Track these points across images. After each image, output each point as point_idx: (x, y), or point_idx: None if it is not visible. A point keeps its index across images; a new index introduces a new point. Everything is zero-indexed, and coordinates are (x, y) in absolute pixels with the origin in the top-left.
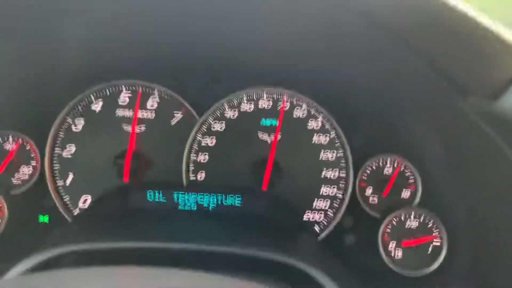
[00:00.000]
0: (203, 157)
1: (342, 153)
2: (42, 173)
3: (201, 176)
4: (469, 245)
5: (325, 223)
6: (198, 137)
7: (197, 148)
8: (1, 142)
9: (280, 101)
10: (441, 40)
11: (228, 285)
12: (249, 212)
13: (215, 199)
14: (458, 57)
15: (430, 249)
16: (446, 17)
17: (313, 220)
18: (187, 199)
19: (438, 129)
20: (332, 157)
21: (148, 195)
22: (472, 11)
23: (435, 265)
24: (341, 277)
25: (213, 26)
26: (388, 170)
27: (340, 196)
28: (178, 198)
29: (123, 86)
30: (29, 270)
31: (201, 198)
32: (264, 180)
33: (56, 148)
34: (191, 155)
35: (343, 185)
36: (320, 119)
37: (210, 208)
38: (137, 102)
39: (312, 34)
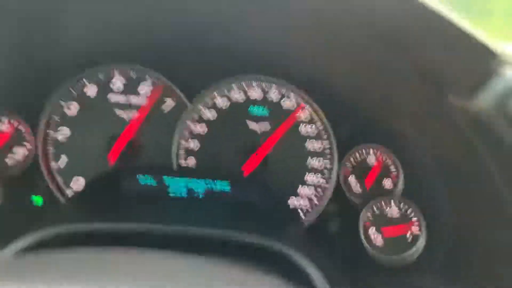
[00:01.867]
0: (193, 144)
1: (328, 143)
2: (36, 155)
3: (191, 162)
4: (449, 236)
5: (309, 210)
6: (189, 124)
7: (188, 135)
8: (2, 118)
9: (269, 90)
10: (417, 37)
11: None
12: (237, 197)
13: (204, 185)
14: (434, 55)
15: (409, 236)
16: (422, 16)
17: (298, 207)
18: (177, 183)
19: (420, 123)
20: (318, 147)
21: (138, 178)
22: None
23: (415, 253)
24: (324, 264)
25: (206, 13)
26: (371, 160)
27: (325, 183)
28: (168, 182)
29: (115, 70)
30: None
31: (191, 183)
32: (247, 167)
33: (50, 131)
34: (182, 141)
35: (327, 174)
36: (308, 109)
37: (200, 193)
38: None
39: (303, 26)
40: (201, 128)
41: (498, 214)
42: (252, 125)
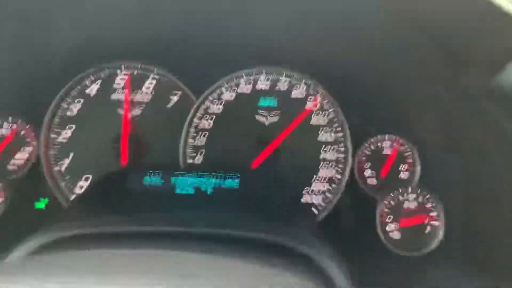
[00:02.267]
0: (200, 139)
1: (341, 133)
2: (39, 158)
3: (199, 158)
4: (467, 226)
5: (323, 204)
6: (195, 120)
7: (194, 131)
8: (4, 123)
9: (279, 81)
10: (442, 15)
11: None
12: (248, 194)
13: (213, 182)
14: (459, 31)
15: (427, 229)
16: None
17: (312, 201)
18: (185, 182)
19: (438, 109)
20: (331, 137)
21: (146, 178)
22: None
23: (433, 245)
24: (340, 258)
25: (212, 8)
26: (387, 150)
27: (339, 176)
28: (176, 181)
29: (118, 69)
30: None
31: (199, 181)
32: (257, 160)
33: (52, 133)
34: (189, 137)
35: (341, 166)
36: (319, 98)
37: (208, 191)
38: (128, 84)
39: (311, 13)
40: (208, 123)
41: None
42: (260, 117)
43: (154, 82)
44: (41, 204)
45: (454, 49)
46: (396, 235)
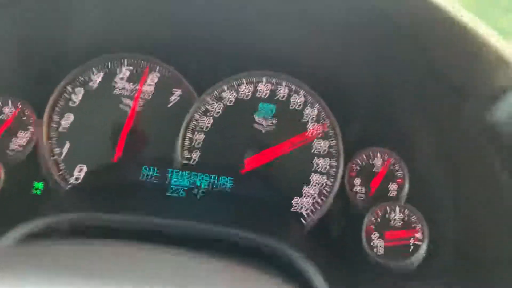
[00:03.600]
0: (199, 137)
1: (335, 145)
2: (37, 144)
3: (196, 155)
4: (453, 244)
5: (311, 214)
6: (195, 117)
7: (193, 128)
8: (4, 107)
9: (279, 86)
10: (440, 45)
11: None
12: (238, 198)
13: (207, 179)
14: (456, 62)
15: (411, 242)
16: (442, 21)
17: (300, 211)
18: (180, 177)
19: (432, 128)
20: (324, 149)
21: (142, 171)
22: (471, 21)
23: (414, 258)
24: (325, 267)
25: (220, 8)
26: (377, 163)
27: (328, 188)
28: (171, 176)
29: (123, 60)
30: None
31: (194, 177)
32: (248, 165)
33: (52, 121)
34: (187, 134)
35: (332, 177)
36: (316, 107)
37: (200, 192)
38: (143, 78)
39: (317, 24)
40: (207, 121)
41: (505, 225)
42: (257, 124)
43: (157, 77)
44: (37, 190)
45: (451, 76)
46: (381, 246)
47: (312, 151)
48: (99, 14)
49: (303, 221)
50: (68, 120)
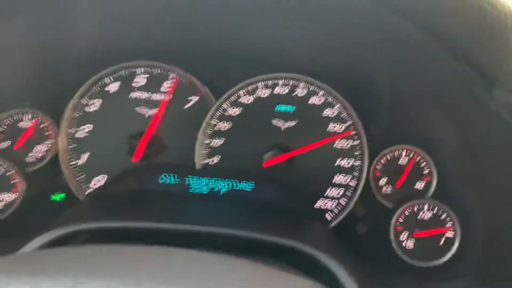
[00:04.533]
0: (216, 142)
1: (358, 142)
2: (57, 152)
3: (214, 160)
4: (482, 239)
5: (337, 211)
6: (212, 122)
7: (211, 133)
8: (19, 118)
9: (297, 87)
10: (467, 29)
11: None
12: (261, 198)
13: (227, 184)
14: (485, 47)
15: (442, 240)
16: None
17: (325, 208)
18: (199, 183)
19: (457, 122)
20: (347, 146)
21: (161, 177)
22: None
23: (447, 256)
24: (351, 266)
25: (234, 11)
26: (403, 161)
27: (354, 185)
28: (190, 182)
29: (139, 68)
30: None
31: (213, 183)
32: (269, 163)
33: (72, 128)
34: (205, 139)
35: (357, 174)
36: (336, 107)
37: (221, 193)
38: (171, 87)
39: (331, 22)
40: (224, 126)
41: None
42: (276, 121)
43: (174, 83)
44: (57, 197)
45: (474, 64)
46: (409, 246)
47: (335, 147)
48: (112, 22)
49: (328, 218)
50: (85, 129)
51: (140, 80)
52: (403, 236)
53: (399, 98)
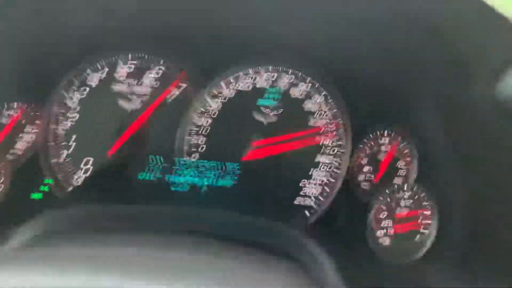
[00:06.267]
0: (198, 136)
1: (340, 134)
2: (39, 147)
3: (196, 155)
4: (462, 229)
5: (315, 206)
6: (194, 115)
7: (193, 126)
8: (3, 111)
9: (279, 78)
10: (447, 18)
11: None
12: (241, 193)
13: (207, 180)
14: (463, 36)
15: (418, 236)
16: None
17: (304, 203)
18: (180, 179)
19: (440, 107)
20: (328, 138)
21: (141, 174)
22: None
23: (424, 249)
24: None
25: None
26: (385, 144)
27: (333, 180)
28: (170, 178)
29: (119, 59)
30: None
31: (194, 178)
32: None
33: (53, 123)
34: (186, 133)
35: (336, 169)
36: (318, 100)
37: (203, 189)
38: (176, 81)
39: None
40: (206, 120)
41: None
42: (258, 116)
43: (157, 74)
44: (39, 194)
45: (458, 55)
46: (386, 242)
47: (316, 145)
48: (95, 12)
49: (307, 214)
50: (68, 122)
51: (122, 71)
52: (380, 232)
53: (384, 83)
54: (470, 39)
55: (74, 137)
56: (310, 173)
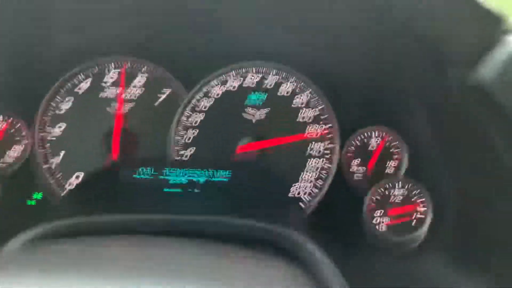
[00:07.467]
0: (188, 136)
1: (328, 129)
2: (29, 156)
3: (187, 154)
4: (453, 218)
5: (310, 199)
6: (183, 116)
7: (183, 127)
8: None
9: (267, 76)
10: (421, 6)
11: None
12: (235, 190)
13: (201, 178)
14: (438, 24)
15: (414, 218)
16: None
17: (299, 196)
18: (175, 177)
19: (423, 99)
20: (319, 130)
21: (138, 172)
22: None
23: (421, 237)
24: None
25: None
26: (374, 142)
27: (325, 172)
28: (167, 174)
29: (109, 64)
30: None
31: (188, 176)
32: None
33: (42, 131)
34: (177, 134)
35: (328, 162)
36: (306, 93)
37: (197, 187)
38: (122, 78)
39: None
40: (195, 120)
41: (504, 190)
42: (247, 114)
43: (145, 78)
44: (32, 201)
45: (434, 43)
46: (382, 228)
47: (306, 140)
48: (82, 18)
49: (302, 206)
50: (57, 130)
51: (110, 78)
52: (377, 214)
53: (368, 82)
54: (446, 26)
55: (64, 144)
56: (302, 166)
